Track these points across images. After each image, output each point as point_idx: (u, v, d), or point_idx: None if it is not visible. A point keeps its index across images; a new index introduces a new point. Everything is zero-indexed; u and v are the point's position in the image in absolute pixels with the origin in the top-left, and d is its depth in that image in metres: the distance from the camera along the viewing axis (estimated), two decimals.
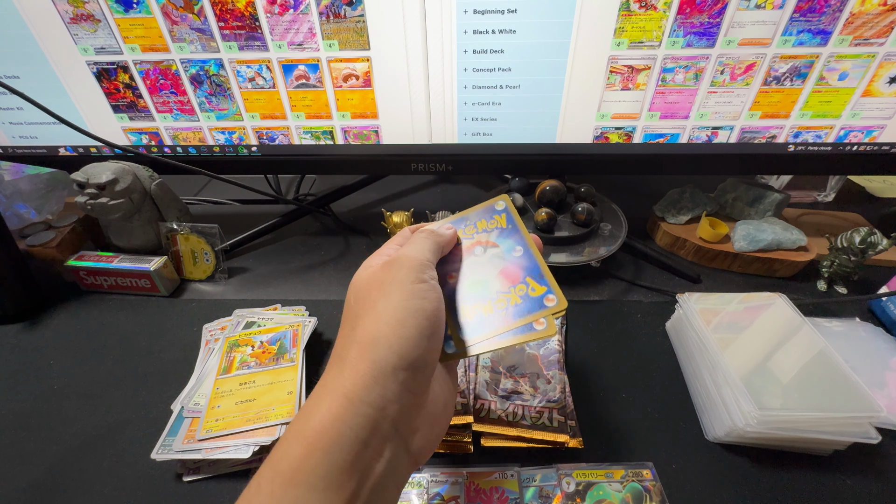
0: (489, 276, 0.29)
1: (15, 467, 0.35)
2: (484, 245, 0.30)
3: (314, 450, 0.19)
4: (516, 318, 0.26)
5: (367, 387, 0.20)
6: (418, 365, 0.21)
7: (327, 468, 0.19)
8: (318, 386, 0.22)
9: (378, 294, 0.23)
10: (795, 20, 0.41)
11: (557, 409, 0.36)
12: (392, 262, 0.24)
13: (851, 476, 0.34)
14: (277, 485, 0.19)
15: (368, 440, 0.20)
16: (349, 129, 0.51)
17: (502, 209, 0.32)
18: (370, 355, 0.21)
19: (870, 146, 0.48)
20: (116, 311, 0.50)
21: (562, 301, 0.26)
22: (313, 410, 0.20)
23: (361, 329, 0.22)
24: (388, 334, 0.21)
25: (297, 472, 0.19)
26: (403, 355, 0.21)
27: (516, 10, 0.42)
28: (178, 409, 0.37)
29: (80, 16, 0.44)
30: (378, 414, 0.20)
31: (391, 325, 0.21)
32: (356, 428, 0.19)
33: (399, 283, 0.23)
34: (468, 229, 0.32)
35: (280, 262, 0.58)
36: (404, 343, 0.21)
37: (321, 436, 0.19)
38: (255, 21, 0.43)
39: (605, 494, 0.32)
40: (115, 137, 0.51)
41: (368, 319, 0.22)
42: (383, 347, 0.21)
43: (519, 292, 0.28)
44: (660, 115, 0.47)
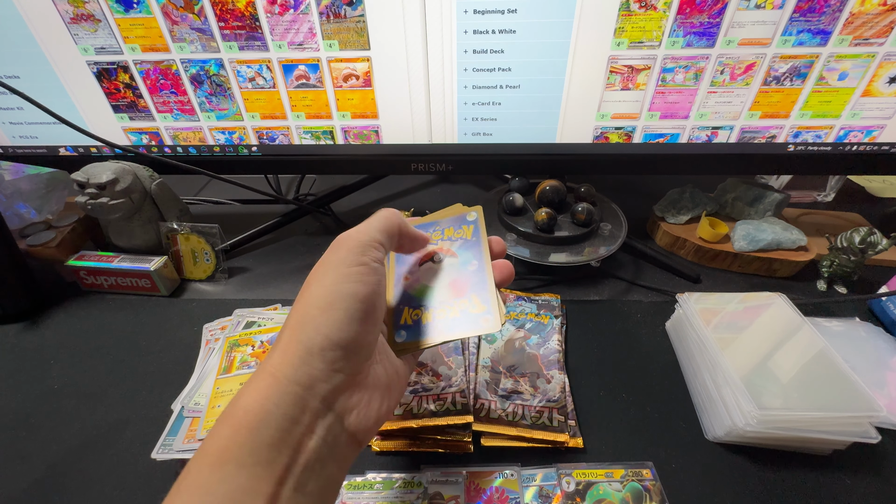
0: (439, 284, 0.29)
1: (15, 467, 0.35)
2: (444, 252, 0.31)
3: (240, 427, 0.19)
4: (449, 331, 0.27)
5: (294, 366, 0.20)
6: (349, 347, 0.21)
7: (254, 444, 0.19)
8: (257, 368, 0.22)
9: (314, 276, 0.23)
10: (795, 20, 0.41)
11: (557, 408, 0.36)
12: (334, 243, 0.25)
13: (851, 476, 0.34)
14: (205, 465, 0.18)
15: (298, 417, 0.20)
16: (349, 129, 0.51)
17: (472, 220, 0.33)
18: (298, 336, 0.21)
19: (869, 146, 0.48)
20: (116, 311, 0.50)
21: (495, 324, 0.27)
22: (243, 393, 0.21)
23: (294, 312, 0.22)
24: (316, 316, 0.21)
25: (225, 451, 0.18)
26: (330, 336, 0.21)
27: (516, 10, 0.42)
28: (178, 408, 0.37)
29: (81, 16, 0.44)
30: (306, 392, 0.20)
31: (320, 307, 0.22)
32: (283, 405, 0.20)
33: (335, 264, 0.23)
34: (435, 234, 0.32)
35: (280, 262, 0.58)
36: (332, 325, 0.21)
37: (247, 413, 0.19)
38: (256, 21, 0.43)
39: (605, 494, 0.32)
40: (115, 137, 0.51)
41: (301, 302, 0.22)
42: (310, 329, 0.21)
43: (460, 306, 0.28)
44: (660, 115, 0.47)
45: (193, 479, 0.18)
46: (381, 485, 0.33)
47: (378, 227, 0.26)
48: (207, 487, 0.18)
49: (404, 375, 0.27)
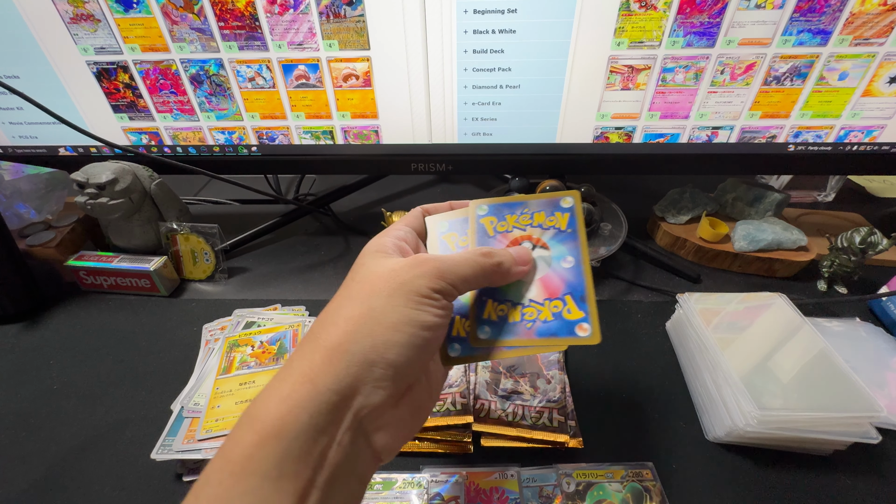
0: (528, 278, 0.25)
1: (15, 467, 0.35)
2: (533, 242, 0.27)
3: (268, 436, 0.18)
4: (540, 336, 0.24)
5: (338, 376, 0.19)
6: (400, 370, 0.20)
7: (281, 456, 0.17)
8: (284, 367, 0.21)
9: (383, 287, 0.21)
10: (795, 20, 0.41)
11: (557, 409, 0.36)
12: (418, 265, 0.22)
13: (851, 476, 0.34)
14: (227, 474, 0.18)
15: (327, 429, 0.19)
16: (349, 129, 0.51)
17: (568, 207, 0.27)
18: (350, 346, 0.20)
19: (870, 146, 0.48)
20: (116, 311, 0.50)
21: (595, 335, 0.23)
22: (272, 393, 0.19)
23: (348, 315, 0.21)
24: (377, 332, 0.20)
25: (249, 461, 0.17)
26: (386, 357, 0.20)
27: (516, 9, 0.42)
28: (177, 409, 0.37)
29: (80, 16, 0.44)
30: (342, 403, 0.19)
31: (383, 324, 0.20)
32: (316, 415, 0.18)
33: (408, 288, 0.21)
34: (523, 218, 0.27)
35: (280, 262, 0.58)
36: (391, 347, 0.20)
37: (276, 421, 0.18)
38: (255, 21, 0.43)
39: (605, 494, 0.32)
40: (114, 137, 0.51)
41: (360, 309, 0.21)
42: (366, 343, 0.20)
43: (553, 309, 0.24)
44: (660, 114, 0.47)
45: (214, 489, 0.18)
46: (380, 485, 0.33)
47: (466, 275, 0.23)
48: (229, 500, 0.17)
49: (436, 395, 0.26)
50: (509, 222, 0.27)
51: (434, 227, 0.28)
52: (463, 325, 0.25)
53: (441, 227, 0.28)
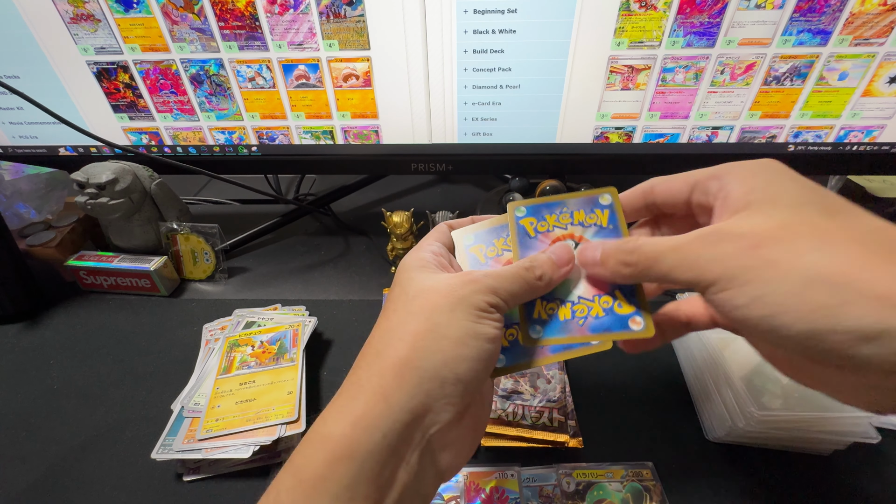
0: (574, 276, 0.25)
1: (15, 467, 0.35)
2: (576, 241, 0.26)
3: (342, 457, 0.18)
4: (592, 332, 0.24)
5: (411, 393, 0.19)
6: (469, 385, 0.20)
7: (353, 478, 0.18)
8: (351, 381, 0.21)
9: (443, 303, 0.21)
10: (795, 20, 0.41)
11: (557, 408, 0.36)
12: (471, 282, 0.22)
13: (851, 476, 0.34)
14: (299, 493, 0.18)
15: (399, 450, 0.19)
16: (349, 129, 0.51)
17: (607, 204, 0.28)
18: (419, 362, 0.19)
19: (870, 146, 0.48)
20: (116, 311, 0.50)
21: (649, 328, 0.23)
22: (345, 412, 0.19)
23: (413, 331, 0.20)
24: (446, 348, 0.20)
25: (322, 481, 0.17)
26: (457, 372, 0.20)
27: (516, 9, 0.42)
28: (178, 408, 0.37)
29: (81, 15, 0.44)
30: (414, 422, 0.19)
31: (451, 339, 0.20)
32: (389, 435, 0.18)
33: (468, 303, 0.21)
34: (563, 217, 0.27)
35: (280, 262, 0.58)
36: (461, 362, 0.20)
37: (351, 442, 0.18)
38: (255, 21, 0.43)
39: (605, 494, 0.32)
40: (115, 137, 0.51)
41: (424, 325, 0.20)
42: (437, 359, 0.20)
43: (604, 304, 0.24)
44: (660, 114, 0.47)
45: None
46: None
47: (513, 291, 0.23)
48: None
49: (489, 408, 0.26)
50: (549, 222, 0.27)
51: (461, 240, 0.28)
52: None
53: (468, 241, 0.28)
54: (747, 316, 0.18)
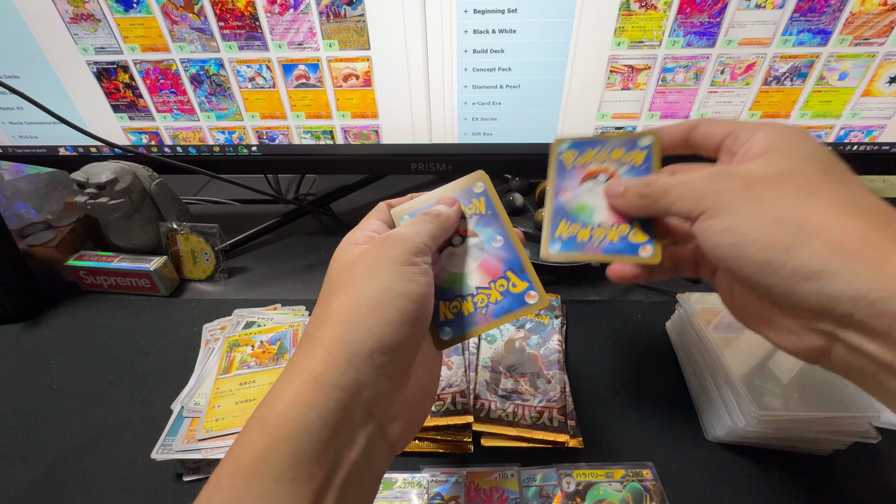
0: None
1: (15, 467, 0.35)
2: (609, 175, 0.27)
3: (279, 439, 0.18)
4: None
5: (340, 369, 0.19)
6: (399, 350, 0.20)
7: (294, 458, 0.17)
8: (286, 368, 0.20)
9: (362, 271, 0.21)
10: (795, 20, 0.41)
11: (557, 408, 0.36)
12: (385, 240, 0.23)
13: (851, 476, 0.34)
14: (240, 478, 0.17)
15: (339, 427, 0.18)
16: (349, 129, 0.51)
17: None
18: (345, 336, 0.19)
19: (870, 146, 0.48)
20: (116, 311, 0.50)
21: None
22: (278, 396, 0.19)
23: (338, 307, 0.21)
24: (368, 315, 0.20)
25: (262, 464, 0.17)
26: (383, 338, 0.20)
27: (516, 9, 0.42)
28: (178, 408, 0.37)
29: (80, 15, 0.44)
30: (350, 399, 0.19)
31: (372, 305, 0.20)
32: (326, 414, 0.18)
33: (388, 262, 0.21)
34: (602, 153, 0.28)
35: (280, 262, 0.58)
36: (385, 326, 0.20)
37: (286, 423, 0.18)
38: (255, 21, 0.43)
39: (605, 494, 0.32)
40: (114, 137, 0.51)
41: (347, 298, 0.21)
42: (362, 329, 0.19)
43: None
44: (660, 114, 0.47)
45: (226, 493, 0.17)
46: (381, 485, 0.33)
47: (430, 231, 0.24)
48: (243, 502, 0.17)
49: (437, 375, 0.26)
50: (588, 156, 0.29)
51: (398, 218, 0.29)
52: (448, 308, 0.26)
53: (404, 219, 0.29)
54: (719, 243, 0.20)
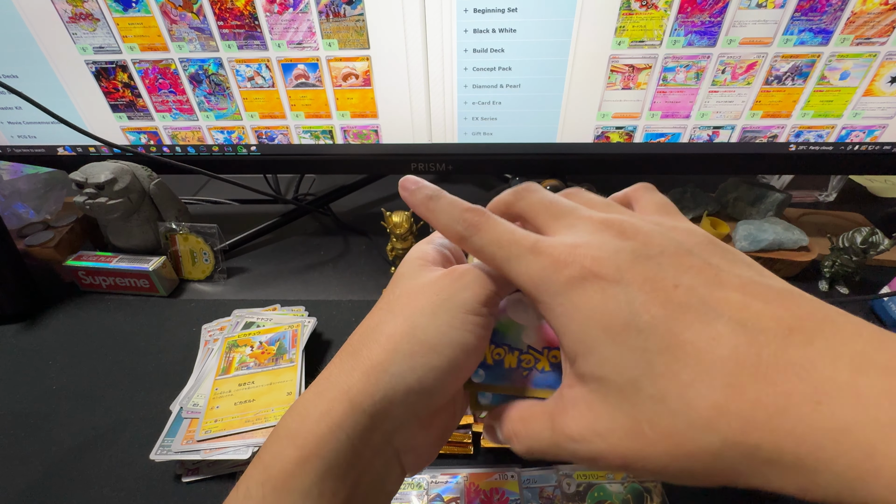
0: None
1: (13, 468, 0.35)
2: None
3: (310, 455, 0.18)
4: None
5: (375, 398, 0.19)
6: (435, 394, 0.20)
7: (321, 475, 0.18)
8: (322, 378, 0.20)
9: (425, 305, 0.20)
10: (797, 19, 0.41)
11: None
12: (459, 278, 0.20)
13: None
14: (269, 489, 0.18)
15: (361, 450, 0.19)
16: (349, 129, 0.50)
17: None
18: (389, 367, 0.19)
19: (871, 146, 0.48)
20: (115, 312, 0.50)
21: None
22: (311, 410, 0.19)
23: (390, 333, 0.20)
24: (417, 354, 0.19)
25: (291, 478, 0.18)
26: (423, 381, 0.19)
27: (517, 8, 0.41)
28: (176, 409, 0.37)
29: (79, 15, 0.43)
30: (374, 426, 0.19)
31: (424, 345, 0.19)
32: (353, 436, 0.18)
33: (454, 306, 0.20)
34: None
35: (279, 262, 0.58)
36: (430, 371, 0.19)
37: (318, 441, 0.18)
38: (255, 20, 0.43)
39: (605, 495, 0.32)
40: (113, 137, 0.51)
41: (402, 327, 0.20)
42: (405, 365, 0.19)
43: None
44: (661, 114, 0.47)
45: (256, 503, 0.18)
46: None
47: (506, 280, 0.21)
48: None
49: (460, 417, 0.25)
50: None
51: None
52: (492, 352, 0.23)
53: None
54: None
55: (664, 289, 0.16)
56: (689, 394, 0.14)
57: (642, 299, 0.15)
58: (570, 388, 0.18)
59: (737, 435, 0.13)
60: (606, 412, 0.16)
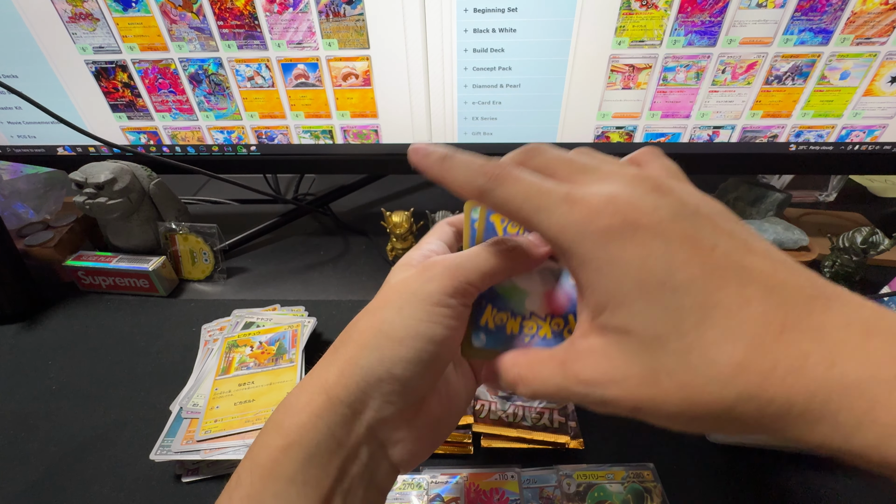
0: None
1: (13, 468, 0.35)
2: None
3: (293, 443, 0.19)
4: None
5: (349, 389, 0.19)
6: (409, 384, 0.20)
7: (304, 463, 0.19)
8: (307, 376, 0.21)
9: (394, 300, 0.21)
10: (797, 19, 0.41)
11: (558, 409, 0.36)
12: (425, 270, 0.21)
13: (851, 476, 0.33)
14: (257, 476, 0.19)
15: (343, 440, 0.19)
16: (349, 129, 0.50)
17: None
18: (359, 360, 0.20)
19: (871, 146, 0.48)
20: (115, 312, 0.50)
21: None
22: (295, 401, 0.20)
23: (362, 329, 0.21)
24: (384, 347, 0.20)
25: (276, 464, 0.19)
26: (393, 372, 0.19)
27: (517, 8, 0.41)
28: (176, 409, 0.37)
29: (79, 15, 0.43)
30: (354, 416, 0.20)
31: (390, 338, 0.20)
32: (332, 426, 0.19)
33: (419, 298, 0.20)
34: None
35: (279, 262, 0.58)
36: (398, 362, 0.19)
37: (300, 430, 0.19)
38: (255, 20, 0.43)
39: (605, 495, 0.32)
40: (113, 137, 0.51)
41: (371, 323, 0.21)
42: (374, 357, 0.20)
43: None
44: (661, 114, 0.47)
45: (245, 490, 0.19)
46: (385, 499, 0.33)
47: (487, 270, 0.21)
48: (260, 500, 0.18)
49: (457, 409, 0.24)
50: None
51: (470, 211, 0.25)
52: (494, 316, 0.23)
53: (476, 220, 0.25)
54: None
55: (703, 249, 0.16)
56: (712, 351, 0.15)
57: (682, 257, 0.15)
58: (584, 338, 0.18)
59: (753, 390, 0.14)
60: (624, 362, 0.16)
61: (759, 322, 0.14)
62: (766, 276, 0.15)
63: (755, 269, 0.15)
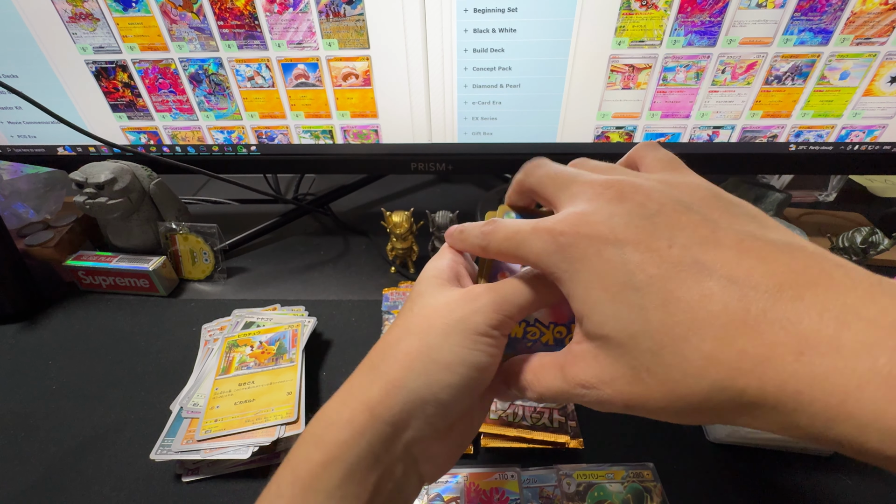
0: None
1: (13, 468, 0.35)
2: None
3: (333, 459, 0.19)
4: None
5: (394, 410, 0.20)
6: (451, 407, 0.21)
7: (343, 478, 0.19)
8: (344, 389, 0.22)
9: (439, 325, 0.21)
10: (797, 19, 0.41)
11: (558, 409, 0.36)
12: (472, 301, 0.21)
13: (851, 476, 0.34)
14: (298, 489, 0.19)
15: (381, 457, 0.20)
16: (349, 129, 0.50)
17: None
18: (406, 382, 0.20)
19: (871, 146, 0.48)
20: (115, 311, 0.50)
21: None
22: (335, 417, 0.21)
23: (407, 350, 0.21)
24: (432, 372, 0.20)
25: (316, 479, 0.19)
26: (439, 396, 0.20)
27: (517, 8, 0.41)
28: (177, 409, 0.37)
29: (79, 14, 0.43)
30: (395, 435, 0.20)
31: (438, 364, 0.20)
32: (374, 443, 0.20)
33: (465, 328, 0.20)
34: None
35: (279, 262, 0.58)
36: (445, 387, 0.20)
37: (341, 446, 0.19)
38: (255, 20, 0.43)
39: (605, 495, 0.32)
40: (113, 137, 0.51)
41: (417, 345, 0.21)
42: (421, 380, 0.20)
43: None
44: (661, 114, 0.47)
45: (286, 501, 0.19)
46: None
47: (523, 303, 0.21)
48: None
49: (478, 426, 0.26)
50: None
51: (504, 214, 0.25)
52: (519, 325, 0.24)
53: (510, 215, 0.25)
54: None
55: (658, 249, 0.16)
56: (682, 347, 0.15)
57: (637, 259, 0.16)
58: (578, 344, 0.19)
59: (724, 381, 0.15)
60: (610, 363, 0.17)
61: (722, 315, 0.15)
62: (728, 267, 0.15)
63: (717, 261, 0.16)
